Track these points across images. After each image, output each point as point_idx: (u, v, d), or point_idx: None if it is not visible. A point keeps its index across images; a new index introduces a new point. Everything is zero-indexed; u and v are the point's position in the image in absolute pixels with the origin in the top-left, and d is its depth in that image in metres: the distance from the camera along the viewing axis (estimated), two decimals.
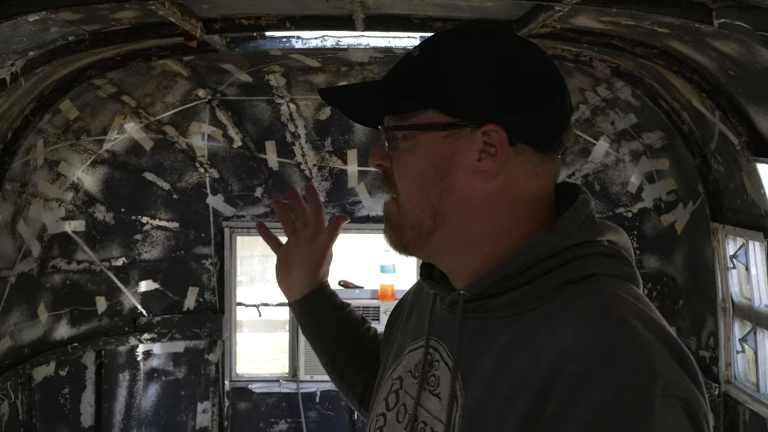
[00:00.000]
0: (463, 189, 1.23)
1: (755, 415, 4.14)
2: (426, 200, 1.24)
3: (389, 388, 1.39)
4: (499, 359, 1.18)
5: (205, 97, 5.28)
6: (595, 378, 1.04)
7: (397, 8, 3.78)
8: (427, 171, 1.23)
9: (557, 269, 1.19)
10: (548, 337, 1.12)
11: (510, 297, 1.21)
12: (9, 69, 3.57)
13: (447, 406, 1.22)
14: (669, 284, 5.09)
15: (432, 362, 1.30)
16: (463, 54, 1.24)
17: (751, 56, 3.27)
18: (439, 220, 1.24)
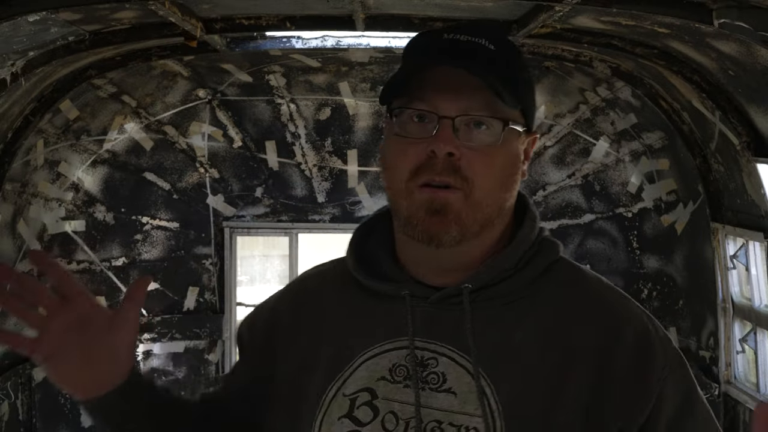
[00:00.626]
0: (516, 188, 1.35)
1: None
2: (501, 195, 1.30)
3: (345, 404, 1.29)
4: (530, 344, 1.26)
5: (205, 97, 5.28)
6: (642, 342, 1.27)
7: (397, 8, 3.78)
8: (508, 167, 1.31)
9: (539, 254, 1.33)
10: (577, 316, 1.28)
11: (511, 283, 1.30)
12: (9, 69, 3.57)
13: (476, 397, 1.23)
14: (669, 284, 5.09)
15: (425, 362, 1.27)
16: (523, 59, 1.35)
17: (751, 56, 3.27)
18: (501, 214, 1.32)
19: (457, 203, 1.25)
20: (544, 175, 5.52)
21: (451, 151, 1.24)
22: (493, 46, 1.29)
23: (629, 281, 5.37)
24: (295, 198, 5.56)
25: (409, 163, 1.26)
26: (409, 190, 1.27)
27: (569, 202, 5.51)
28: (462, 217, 1.25)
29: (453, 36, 1.29)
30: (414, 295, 1.31)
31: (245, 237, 5.71)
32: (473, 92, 1.25)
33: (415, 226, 1.27)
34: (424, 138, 1.26)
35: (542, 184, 5.53)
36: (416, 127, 1.27)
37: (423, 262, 1.33)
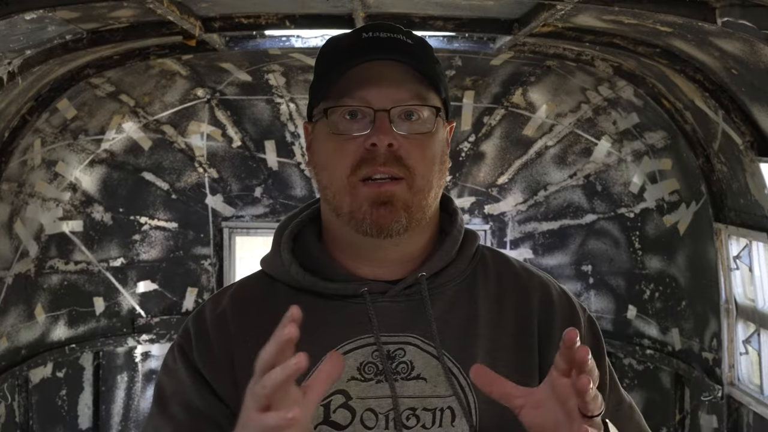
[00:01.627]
0: (446, 174, 1.39)
1: (759, 418, 4.11)
2: (438, 182, 1.34)
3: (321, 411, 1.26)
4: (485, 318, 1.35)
5: (204, 96, 5.26)
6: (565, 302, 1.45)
7: (398, 7, 3.76)
8: (441, 154, 1.35)
9: (467, 239, 1.42)
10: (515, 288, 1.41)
11: (456, 266, 1.39)
12: (6, 68, 3.55)
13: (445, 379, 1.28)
14: (671, 285, 5.06)
15: (392, 354, 1.30)
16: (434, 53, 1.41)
17: (754, 55, 3.25)
18: (435, 201, 1.36)
19: (402, 193, 1.29)
20: (546, 174, 5.50)
21: (390, 141, 1.27)
22: (410, 41, 1.35)
23: (631, 282, 5.34)
24: (295, 198, 5.54)
25: (348, 159, 1.29)
26: (351, 186, 1.29)
27: (571, 202, 5.49)
28: (409, 205, 1.30)
29: (372, 34, 1.34)
30: (371, 291, 1.33)
31: (244, 237, 5.68)
32: (403, 83, 1.30)
33: (361, 220, 1.29)
34: (361, 133, 1.29)
35: (543, 184, 5.51)
36: (349, 124, 1.31)
37: (371, 256, 1.35)
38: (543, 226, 5.54)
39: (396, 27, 1.37)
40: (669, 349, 5.05)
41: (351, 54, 1.31)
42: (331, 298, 1.34)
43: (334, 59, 1.35)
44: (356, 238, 1.32)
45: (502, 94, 5.27)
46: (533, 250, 5.57)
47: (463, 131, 5.44)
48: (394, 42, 1.33)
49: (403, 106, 1.29)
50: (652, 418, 5.19)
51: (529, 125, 5.37)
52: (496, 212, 5.57)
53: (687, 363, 4.80)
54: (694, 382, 4.71)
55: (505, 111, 5.34)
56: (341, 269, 1.36)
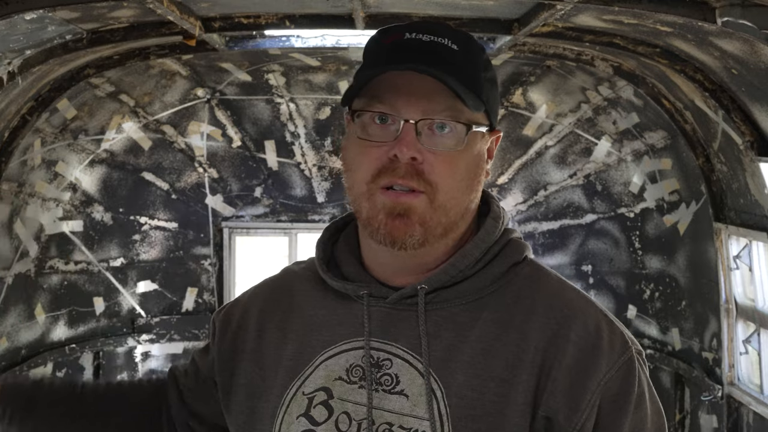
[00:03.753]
0: (480, 188, 1.32)
1: (759, 417, 4.11)
2: (465, 198, 1.28)
3: (304, 403, 1.30)
4: (482, 343, 1.25)
5: (204, 96, 5.26)
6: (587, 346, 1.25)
7: (398, 7, 3.76)
8: (472, 170, 1.29)
9: (501, 252, 1.32)
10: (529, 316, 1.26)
11: (471, 284, 1.29)
12: (6, 68, 3.55)
13: (425, 400, 1.23)
14: (671, 285, 5.06)
15: (380, 363, 1.27)
16: (485, 58, 1.32)
17: (754, 55, 3.25)
18: (465, 215, 1.30)
19: (420, 206, 1.24)
20: (546, 174, 5.50)
21: (414, 155, 1.22)
22: (456, 45, 1.27)
23: (631, 282, 5.34)
24: (295, 198, 5.54)
25: (370, 165, 1.25)
26: (371, 192, 1.26)
27: (571, 202, 5.49)
28: (426, 220, 1.25)
29: (415, 35, 1.27)
30: (372, 295, 1.31)
31: (244, 237, 5.68)
32: (436, 95, 1.23)
33: (377, 228, 1.26)
34: (386, 141, 1.24)
35: (543, 184, 5.51)
36: (378, 129, 1.25)
37: (385, 263, 1.33)
38: (543, 225, 5.54)
39: (443, 28, 1.29)
40: (669, 349, 5.05)
41: (389, 56, 1.25)
42: (340, 296, 1.35)
43: (375, 57, 1.30)
44: (375, 243, 1.29)
45: (502, 93, 5.27)
46: (533, 250, 5.56)
47: None
48: (435, 48, 1.26)
49: (432, 119, 1.23)
50: None
51: (529, 125, 5.37)
52: None
53: (687, 363, 4.81)
54: (694, 381, 4.71)
55: (505, 111, 5.34)
56: (355, 269, 1.35)
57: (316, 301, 1.37)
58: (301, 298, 1.40)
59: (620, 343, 1.27)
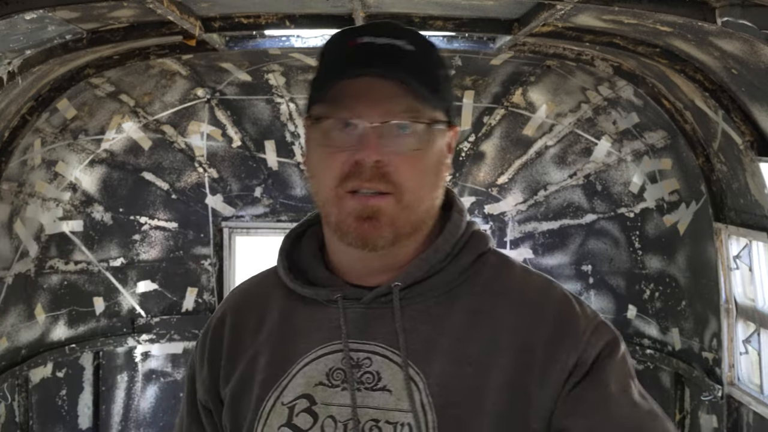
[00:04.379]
0: (443, 183, 1.34)
1: (759, 417, 4.11)
2: (431, 195, 1.30)
3: (285, 413, 1.30)
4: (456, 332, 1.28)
5: (204, 96, 5.26)
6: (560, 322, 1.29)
7: (398, 7, 3.76)
8: (435, 167, 1.30)
9: (467, 245, 1.35)
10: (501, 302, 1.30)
11: (441, 277, 1.32)
12: (6, 68, 3.55)
13: (406, 393, 1.24)
14: (671, 285, 5.07)
15: (359, 363, 1.29)
16: (439, 55, 1.34)
17: (754, 55, 3.25)
18: (431, 212, 1.33)
19: (389, 208, 1.25)
20: (546, 174, 5.50)
21: (377, 158, 1.23)
22: (412, 46, 1.27)
23: (631, 282, 5.34)
24: (295, 198, 5.54)
25: (335, 170, 1.25)
26: (338, 197, 1.26)
27: (571, 202, 5.49)
28: (395, 221, 1.26)
29: (372, 38, 1.27)
30: (346, 297, 1.32)
31: (244, 237, 5.69)
32: (396, 97, 1.24)
33: (346, 232, 1.27)
34: (349, 146, 1.25)
35: (543, 184, 5.51)
36: (340, 134, 1.26)
37: (355, 265, 1.34)
38: (543, 225, 5.54)
39: (396, 29, 1.30)
40: (669, 349, 5.06)
41: (345, 64, 1.26)
42: (311, 303, 1.36)
43: (331, 64, 1.31)
44: (345, 246, 1.30)
45: (502, 93, 5.27)
46: (533, 250, 5.57)
47: (463, 131, 5.45)
48: (390, 51, 1.26)
49: (394, 122, 1.24)
50: None
51: (529, 125, 5.37)
52: (496, 212, 5.57)
53: (687, 363, 4.81)
54: (694, 381, 4.71)
55: (505, 111, 5.35)
56: (324, 273, 1.36)
57: (287, 310, 1.38)
58: (270, 309, 1.40)
59: (591, 311, 1.33)
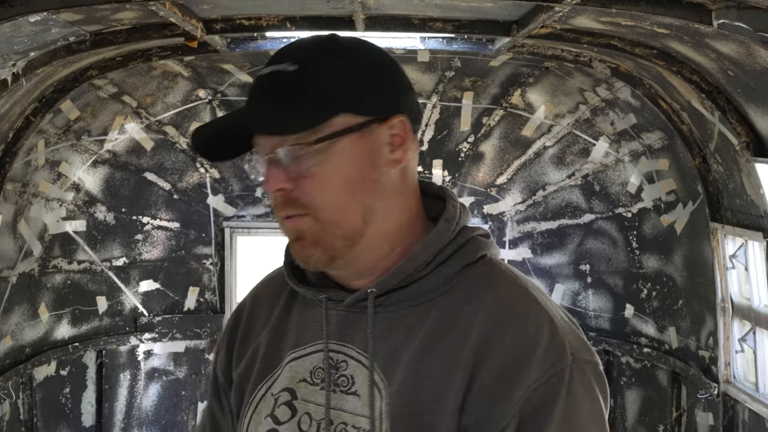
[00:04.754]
0: (385, 182, 1.28)
1: (754, 415, 4.15)
2: (358, 202, 1.26)
3: (271, 403, 1.34)
4: (424, 343, 1.25)
5: (205, 97, 5.29)
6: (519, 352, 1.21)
7: (398, 9, 3.79)
8: (354, 174, 1.25)
9: (456, 253, 1.30)
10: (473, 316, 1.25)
11: (421, 285, 1.28)
12: (10, 69, 3.57)
13: (368, 400, 1.26)
14: (668, 284, 5.10)
15: (338, 364, 1.31)
16: (350, 58, 1.29)
17: (750, 57, 3.28)
18: (368, 218, 1.27)
19: (308, 228, 1.26)
20: (544, 175, 5.53)
21: (279, 187, 1.25)
22: (296, 64, 1.26)
23: (629, 281, 5.38)
24: None
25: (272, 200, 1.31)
26: (281, 223, 1.31)
27: (569, 202, 5.53)
28: (319, 239, 1.26)
29: (263, 71, 1.29)
30: (331, 299, 1.34)
31: (246, 237, 5.71)
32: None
33: (293, 253, 1.31)
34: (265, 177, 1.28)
35: (542, 184, 5.54)
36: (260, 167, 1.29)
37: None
38: (542, 225, 5.57)
39: (288, 49, 1.30)
40: (666, 348, 5.09)
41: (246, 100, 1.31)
42: (306, 301, 1.40)
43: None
44: None
45: (501, 95, 5.30)
46: (532, 250, 5.61)
47: (463, 132, 5.48)
48: (273, 78, 1.26)
49: (278, 150, 1.24)
50: (649, 415, 5.22)
51: (527, 126, 5.40)
52: (495, 212, 5.60)
53: (684, 361, 4.84)
54: (690, 380, 4.74)
55: (503, 112, 5.38)
56: (320, 274, 1.38)
57: (287, 306, 1.43)
58: (277, 303, 1.45)
59: (556, 352, 1.21)
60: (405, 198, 1.32)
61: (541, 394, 1.18)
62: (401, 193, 1.31)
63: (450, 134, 5.50)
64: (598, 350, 5.49)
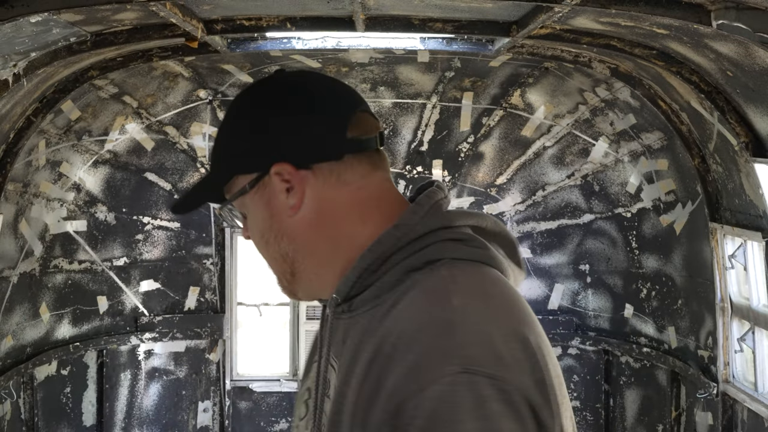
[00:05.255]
0: (290, 227, 1.34)
1: (753, 414, 4.16)
2: (274, 250, 1.36)
3: (301, 399, 1.44)
4: (353, 351, 1.25)
5: (206, 97, 5.30)
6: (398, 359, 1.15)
7: (398, 9, 3.79)
8: (262, 226, 1.36)
9: (405, 260, 1.28)
10: (384, 326, 1.21)
11: (371, 291, 1.29)
12: (11, 70, 3.58)
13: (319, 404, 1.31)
14: (668, 284, 5.11)
15: (327, 369, 1.35)
16: (236, 117, 1.38)
17: (749, 57, 3.28)
18: (290, 261, 1.36)
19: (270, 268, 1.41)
20: (544, 175, 5.54)
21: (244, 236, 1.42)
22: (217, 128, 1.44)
23: (628, 281, 5.39)
24: None
25: None
26: None
27: (569, 202, 5.54)
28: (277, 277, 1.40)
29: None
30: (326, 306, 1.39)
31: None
32: None
33: None
34: None
35: (542, 184, 5.55)
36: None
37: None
38: (541, 225, 5.58)
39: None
40: (665, 347, 5.10)
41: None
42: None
43: None
44: None
45: (501, 95, 5.31)
46: (531, 250, 5.62)
47: (462, 132, 5.49)
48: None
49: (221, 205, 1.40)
50: (649, 415, 5.23)
51: (527, 126, 5.41)
52: (495, 212, 5.61)
53: (683, 361, 4.85)
54: (689, 379, 4.75)
55: (503, 112, 5.39)
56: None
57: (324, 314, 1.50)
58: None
59: (438, 365, 1.12)
60: (331, 228, 1.33)
61: (413, 405, 1.11)
62: (322, 226, 1.33)
63: (450, 134, 5.51)
64: (598, 350, 5.50)
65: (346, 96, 1.39)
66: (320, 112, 1.34)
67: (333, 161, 1.31)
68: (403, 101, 5.39)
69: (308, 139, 1.33)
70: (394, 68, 5.14)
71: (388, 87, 5.30)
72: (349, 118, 1.34)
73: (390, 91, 5.34)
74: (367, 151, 1.34)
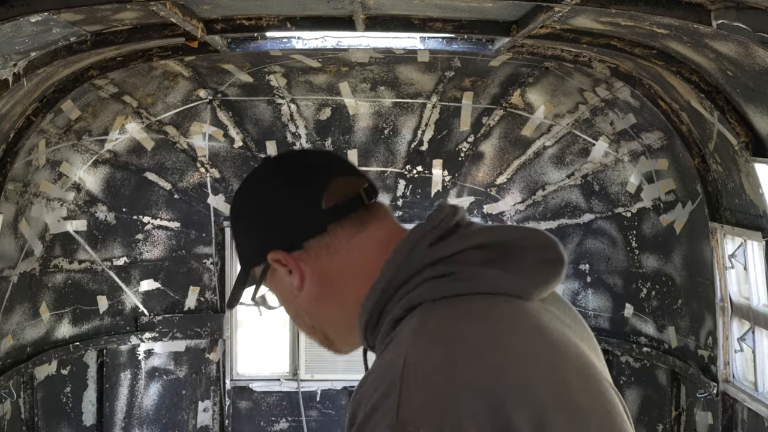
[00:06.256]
0: (303, 304, 1.42)
1: (753, 414, 4.16)
2: (303, 324, 1.47)
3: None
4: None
5: (206, 97, 5.30)
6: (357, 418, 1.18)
7: (398, 9, 3.80)
8: (285, 305, 1.47)
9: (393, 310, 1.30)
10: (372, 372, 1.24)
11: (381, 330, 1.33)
12: (11, 69, 3.59)
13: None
14: (668, 284, 5.11)
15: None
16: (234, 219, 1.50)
17: (749, 57, 3.29)
18: (319, 330, 1.45)
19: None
20: (544, 174, 5.54)
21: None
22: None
23: (628, 281, 5.39)
24: None
25: None
26: None
27: (569, 202, 5.54)
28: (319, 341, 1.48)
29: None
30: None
31: None
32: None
33: None
34: None
35: (542, 184, 5.55)
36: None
37: None
38: (541, 225, 5.58)
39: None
40: (665, 347, 5.10)
41: None
42: None
43: None
44: None
45: (501, 95, 5.32)
46: None
47: (462, 132, 5.49)
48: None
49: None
50: (649, 414, 5.23)
51: (527, 126, 5.41)
52: (495, 212, 5.61)
53: (683, 360, 4.85)
54: (689, 379, 4.76)
55: (503, 112, 5.39)
56: None
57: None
58: None
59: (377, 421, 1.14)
60: (336, 296, 1.39)
61: None
62: (328, 297, 1.40)
63: (450, 134, 5.52)
64: None
65: (317, 166, 1.42)
66: (299, 187, 1.39)
67: (319, 235, 1.36)
68: (403, 101, 5.39)
69: (291, 220, 1.39)
70: (394, 68, 5.14)
71: (388, 87, 5.31)
72: (322, 188, 1.36)
73: (390, 91, 5.34)
74: (353, 213, 1.36)
